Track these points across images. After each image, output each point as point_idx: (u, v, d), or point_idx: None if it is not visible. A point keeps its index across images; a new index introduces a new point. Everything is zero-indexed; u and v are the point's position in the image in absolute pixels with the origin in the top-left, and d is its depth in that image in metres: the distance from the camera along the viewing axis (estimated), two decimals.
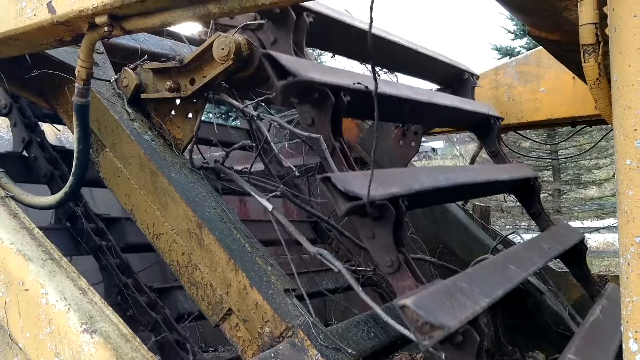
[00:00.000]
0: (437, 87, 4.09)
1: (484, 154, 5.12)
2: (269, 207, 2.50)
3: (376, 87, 1.53)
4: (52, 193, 2.80)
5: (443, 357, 1.63)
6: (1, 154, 3.25)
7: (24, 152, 3.26)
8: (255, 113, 2.62)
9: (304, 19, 2.45)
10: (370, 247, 1.84)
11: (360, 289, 1.98)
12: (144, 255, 3.80)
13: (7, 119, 3.30)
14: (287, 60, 1.97)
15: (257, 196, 2.58)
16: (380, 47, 3.13)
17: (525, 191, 3.40)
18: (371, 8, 1.41)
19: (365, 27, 2.56)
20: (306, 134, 2.02)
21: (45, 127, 3.45)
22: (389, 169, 2.43)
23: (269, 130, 3.57)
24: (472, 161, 5.67)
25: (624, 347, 1.31)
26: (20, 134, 3.24)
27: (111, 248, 3.26)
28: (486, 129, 3.63)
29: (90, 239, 3.23)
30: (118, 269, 3.22)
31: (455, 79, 3.93)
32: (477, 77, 4.07)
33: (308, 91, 1.98)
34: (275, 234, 2.58)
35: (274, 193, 2.77)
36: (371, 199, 1.70)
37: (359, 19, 2.92)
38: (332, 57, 3.35)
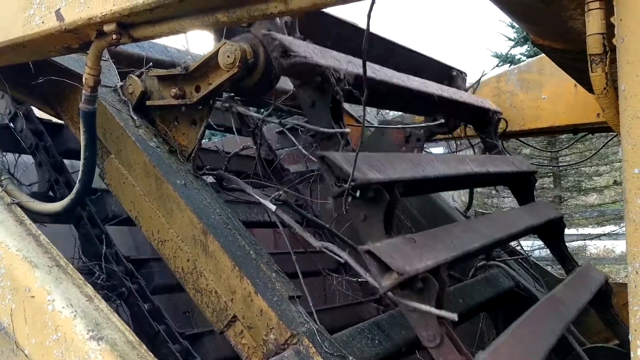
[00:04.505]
0: None
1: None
2: (272, 207, 2.51)
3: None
4: None
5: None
6: None
7: None
8: (260, 116, 2.62)
9: None
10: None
11: (368, 274, 1.93)
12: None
13: None
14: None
15: (260, 198, 2.58)
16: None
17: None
18: (369, 15, 1.45)
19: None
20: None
21: None
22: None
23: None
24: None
25: (632, 355, 1.31)
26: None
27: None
28: None
29: None
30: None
31: (445, 77, 4.10)
32: (465, 74, 4.19)
33: None
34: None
35: (272, 196, 2.77)
36: (365, 182, 1.70)
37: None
38: None
